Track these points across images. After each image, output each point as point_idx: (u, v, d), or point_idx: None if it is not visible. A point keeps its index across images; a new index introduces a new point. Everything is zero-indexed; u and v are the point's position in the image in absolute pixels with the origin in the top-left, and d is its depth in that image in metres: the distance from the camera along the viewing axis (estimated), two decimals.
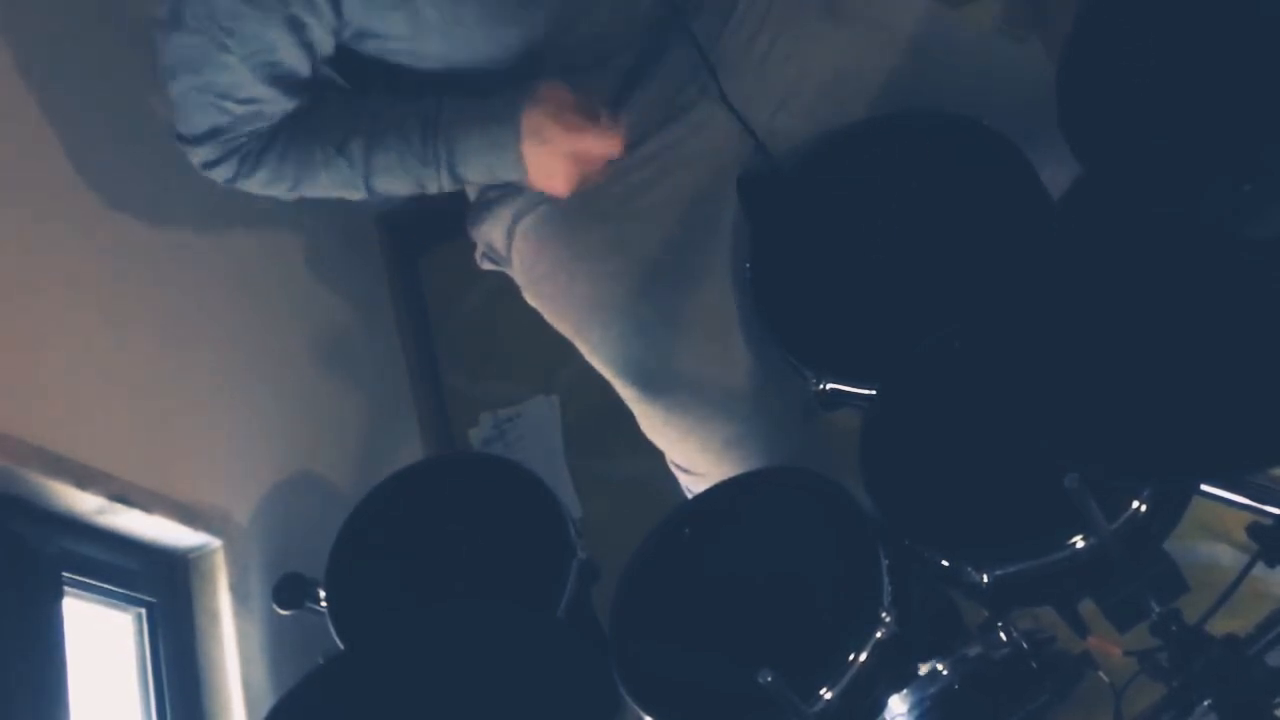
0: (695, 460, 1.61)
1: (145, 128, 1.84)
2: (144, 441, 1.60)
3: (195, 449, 1.71)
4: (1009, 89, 1.52)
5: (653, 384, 1.55)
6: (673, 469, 1.68)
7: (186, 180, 1.52)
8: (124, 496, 1.50)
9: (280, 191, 1.50)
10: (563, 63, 1.45)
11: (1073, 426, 1.16)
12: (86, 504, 1.47)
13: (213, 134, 1.41)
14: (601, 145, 1.43)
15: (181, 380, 1.73)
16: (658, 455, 1.67)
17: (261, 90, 1.37)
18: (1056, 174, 1.37)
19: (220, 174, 1.46)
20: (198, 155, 1.45)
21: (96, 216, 1.69)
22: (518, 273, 1.64)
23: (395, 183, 1.46)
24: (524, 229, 1.61)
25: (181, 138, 1.44)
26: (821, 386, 1.44)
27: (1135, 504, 1.16)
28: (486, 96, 1.44)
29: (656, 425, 1.60)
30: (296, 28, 1.32)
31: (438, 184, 1.47)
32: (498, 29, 1.39)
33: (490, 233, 1.65)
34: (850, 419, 1.39)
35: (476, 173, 1.47)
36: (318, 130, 1.45)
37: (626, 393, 1.59)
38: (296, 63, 1.37)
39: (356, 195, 1.49)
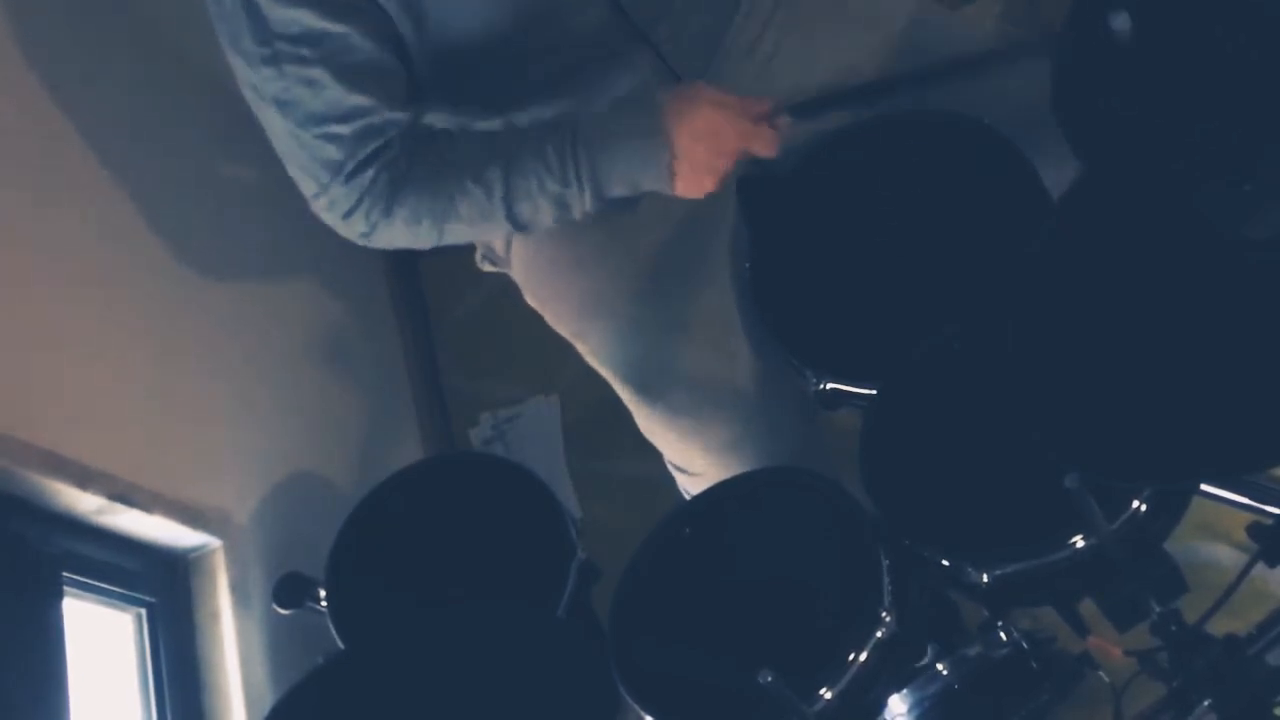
0: (695, 461, 1.61)
1: (147, 127, 1.85)
2: (144, 441, 1.60)
3: (195, 449, 1.71)
4: (1009, 88, 1.51)
5: (652, 385, 1.55)
6: (671, 469, 1.68)
7: (187, 180, 1.52)
8: (124, 496, 1.50)
9: (423, 234, 1.40)
10: (542, 66, 1.44)
11: (1073, 427, 1.16)
12: (86, 504, 1.47)
13: (336, 170, 1.33)
14: (766, 147, 1.37)
15: (181, 380, 1.73)
16: (658, 455, 1.67)
17: (359, 98, 1.31)
18: (1056, 174, 1.37)
19: (359, 223, 1.38)
20: (333, 206, 1.36)
21: (97, 217, 1.69)
22: (518, 274, 1.64)
23: (537, 207, 1.38)
24: None
25: (311, 193, 1.36)
26: (821, 386, 1.44)
27: (1135, 504, 1.16)
28: (616, 108, 1.38)
29: (656, 426, 1.60)
30: (352, 13, 1.28)
31: (581, 204, 1.38)
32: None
33: (485, 238, 1.65)
34: (850, 419, 1.39)
35: (619, 184, 1.38)
36: (450, 163, 1.37)
37: (626, 394, 1.59)
38: (374, 54, 1.31)
39: (500, 228, 1.40)
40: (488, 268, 1.70)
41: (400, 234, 1.39)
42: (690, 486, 1.65)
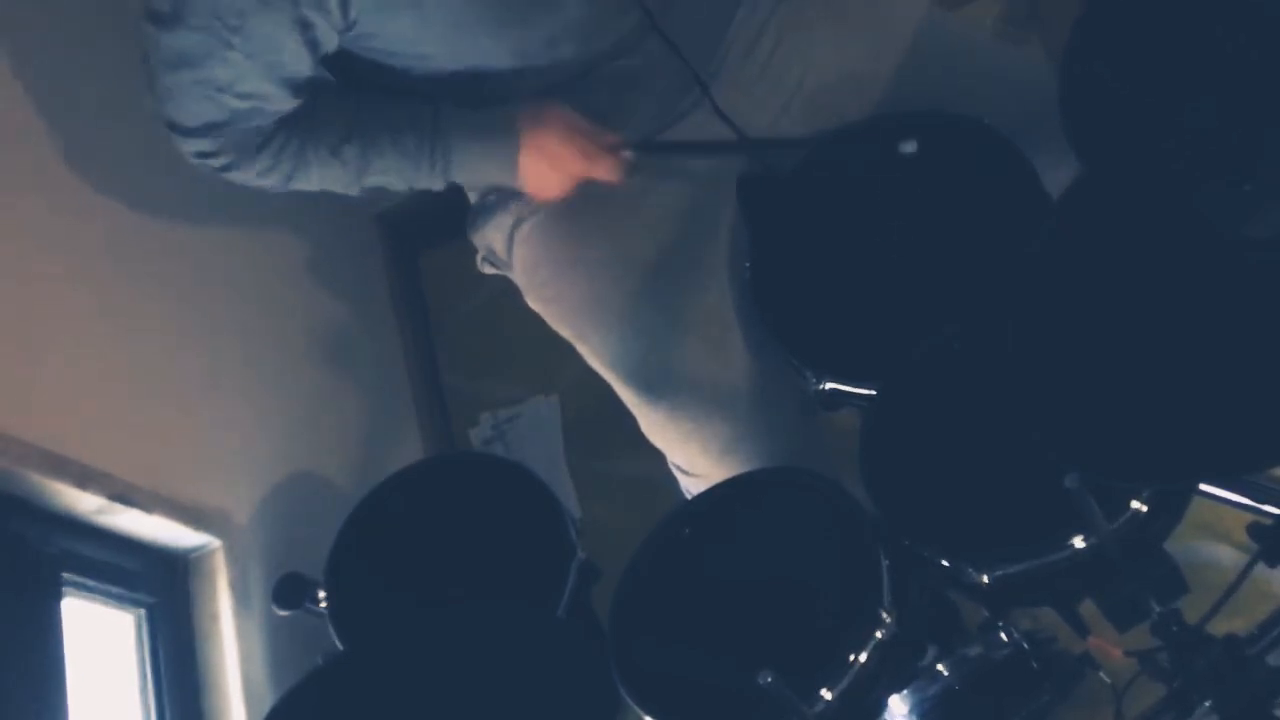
0: (696, 461, 1.61)
1: (147, 127, 1.84)
2: (144, 441, 1.60)
3: (195, 449, 1.71)
4: (1009, 89, 1.52)
5: (653, 386, 1.55)
6: (673, 470, 1.68)
7: (187, 180, 1.52)
8: (124, 496, 1.50)
9: (270, 184, 1.48)
10: (559, 70, 1.45)
11: (1073, 427, 1.16)
12: (86, 504, 1.47)
13: (209, 128, 1.39)
14: (608, 174, 1.49)
15: (182, 380, 1.74)
16: (658, 455, 1.67)
17: (263, 87, 1.36)
18: (1057, 174, 1.37)
19: (212, 164, 1.44)
20: (191, 146, 1.43)
21: (97, 216, 1.69)
22: (519, 276, 1.64)
23: (388, 182, 1.50)
24: (525, 233, 1.61)
25: (174, 127, 1.41)
26: (821, 386, 1.44)
27: (1135, 504, 1.16)
28: (480, 104, 1.46)
29: (657, 427, 1.60)
30: (304, 27, 1.31)
31: (429, 185, 1.51)
32: (503, 30, 1.39)
33: (491, 237, 1.65)
34: (850, 419, 1.39)
35: (469, 178, 1.55)
36: (315, 129, 1.44)
37: (627, 395, 1.59)
38: (300, 61, 1.36)
39: (348, 192, 1.51)
40: (488, 270, 1.70)
41: (251, 180, 1.47)
42: (693, 488, 1.65)
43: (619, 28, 1.45)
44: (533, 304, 1.64)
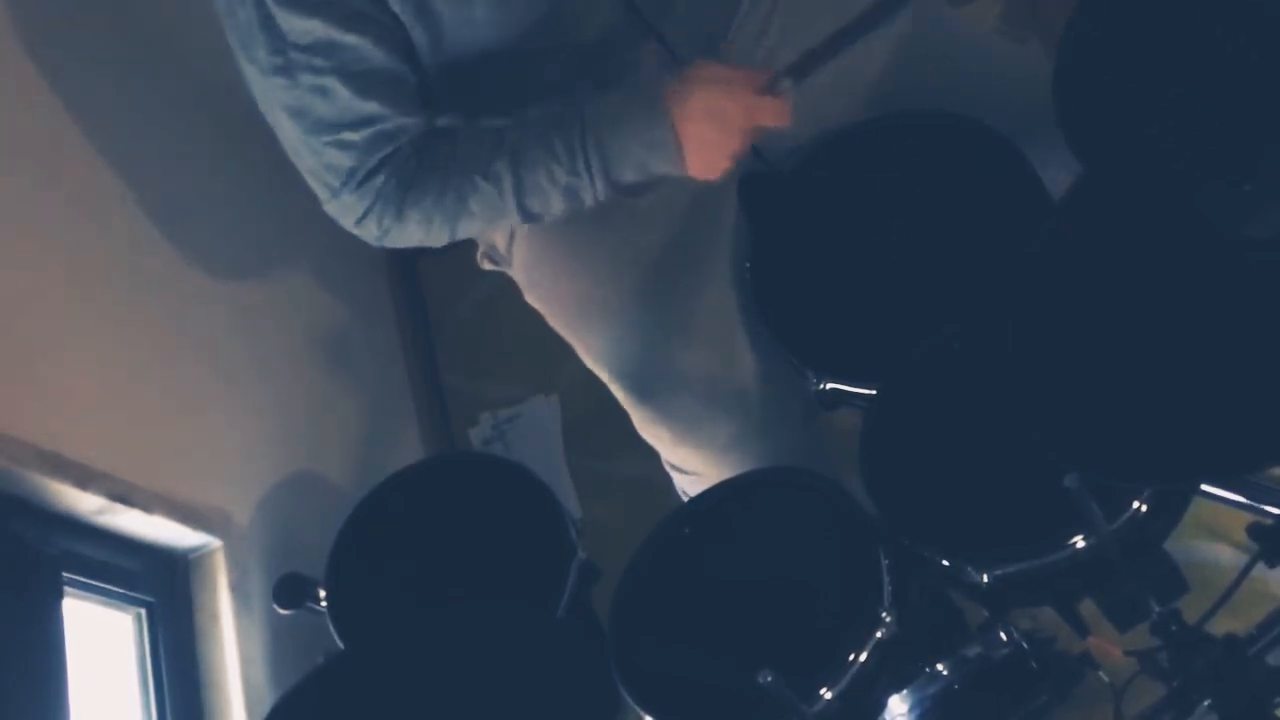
0: (692, 460, 1.60)
1: (147, 128, 1.84)
2: (144, 441, 1.60)
3: (195, 449, 1.71)
4: (1009, 89, 1.51)
5: (650, 385, 1.55)
6: (668, 469, 1.68)
7: (187, 180, 1.52)
8: (124, 496, 1.50)
9: (436, 232, 1.40)
10: (557, 66, 1.44)
11: (1073, 427, 1.16)
12: (86, 504, 1.47)
13: (348, 176, 1.34)
14: (777, 115, 1.33)
15: (182, 380, 1.74)
16: (658, 455, 1.67)
17: (371, 106, 1.30)
18: (1056, 174, 1.37)
19: (372, 228, 1.38)
20: (346, 211, 1.37)
21: (97, 217, 1.69)
22: (518, 273, 1.64)
23: (548, 198, 1.37)
24: (525, 230, 1.61)
25: (324, 199, 1.37)
26: (821, 386, 1.44)
27: (1135, 504, 1.16)
28: (620, 95, 1.36)
29: (652, 426, 1.59)
30: (365, 22, 1.28)
31: (592, 193, 1.37)
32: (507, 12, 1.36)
33: (491, 233, 1.65)
34: (850, 419, 1.39)
35: (630, 170, 1.36)
36: (457, 161, 1.37)
37: (623, 394, 1.58)
38: (387, 62, 1.31)
39: (511, 220, 1.41)
40: (488, 265, 1.70)
41: (414, 234, 1.40)
42: (687, 486, 1.65)
43: (605, 23, 1.44)
44: (531, 301, 1.64)
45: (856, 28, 1.34)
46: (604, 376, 1.59)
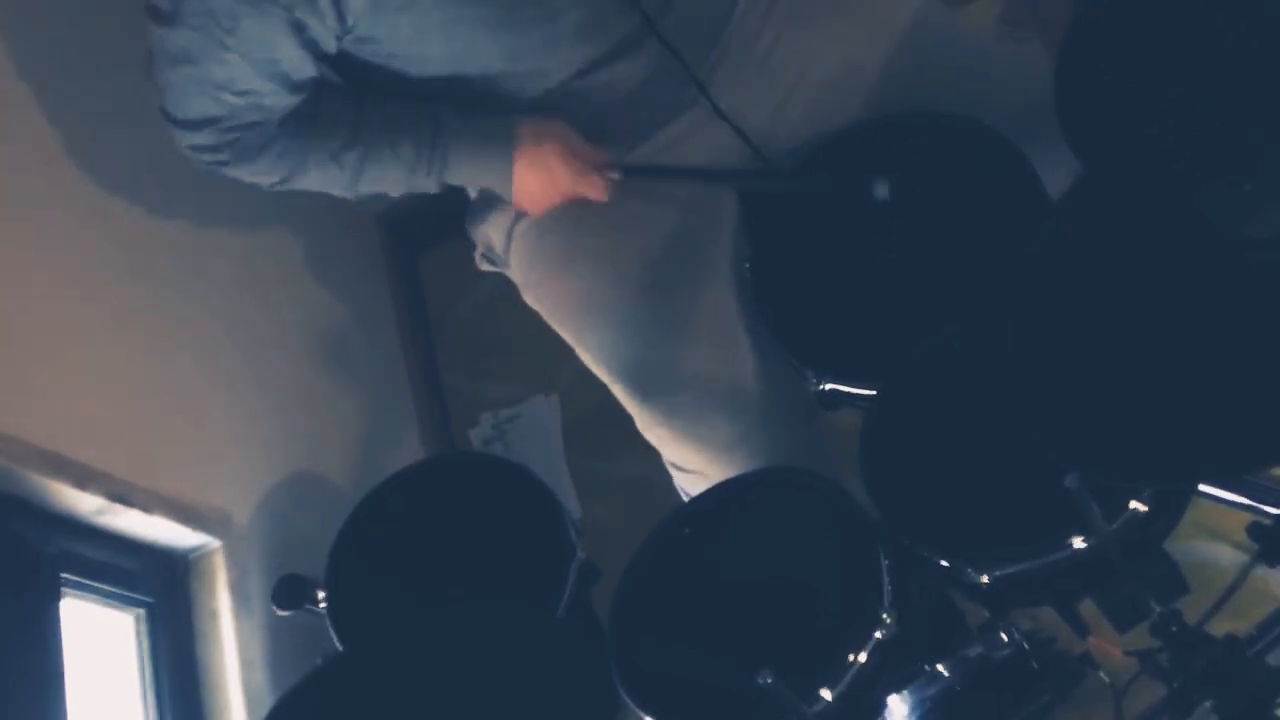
0: (692, 459, 1.60)
1: (146, 127, 1.84)
2: (144, 441, 1.60)
3: (195, 449, 1.70)
4: (1009, 89, 1.52)
5: (651, 383, 1.55)
6: (669, 467, 1.68)
7: (187, 180, 1.52)
8: (124, 496, 1.50)
9: (265, 183, 1.48)
10: (557, 72, 1.45)
11: (1073, 427, 1.16)
12: (86, 504, 1.47)
13: (209, 122, 1.39)
14: (596, 193, 1.51)
15: (182, 380, 1.73)
16: (658, 455, 1.67)
17: (261, 84, 1.36)
18: (1056, 174, 1.37)
19: (208, 159, 1.43)
20: (188, 139, 1.41)
21: (97, 216, 1.69)
22: (516, 274, 1.64)
23: (384, 188, 1.51)
24: (523, 230, 1.61)
25: (172, 119, 1.40)
26: (821, 387, 1.44)
27: (1135, 504, 1.16)
28: (482, 113, 1.48)
29: (653, 424, 1.59)
30: (298, 29, 1.32)
31: (424, 189, 1.52)
32: (500, 32, 1.39)
33: (489, 234, 1.65)
34: (850, 419, 1.39)
35: (462, 181, 1.55)
36: (317, 134, 1.45)
37: (623, 392, 1.58)
38: (298, 62, 1.36)
39: (343, 195, 1.52)
40: (486, 267, 1.70)
41: (245, 175, 1.47)
42: (687, 484, 1.65)
43: (617, 30, 1.44)
44: (530, 301, 1.64)
45: (697, 173, 1.55)
46: (606, 375, 1.59)
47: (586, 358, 1.60)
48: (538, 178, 1.50)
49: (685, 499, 1.67)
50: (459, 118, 1.48)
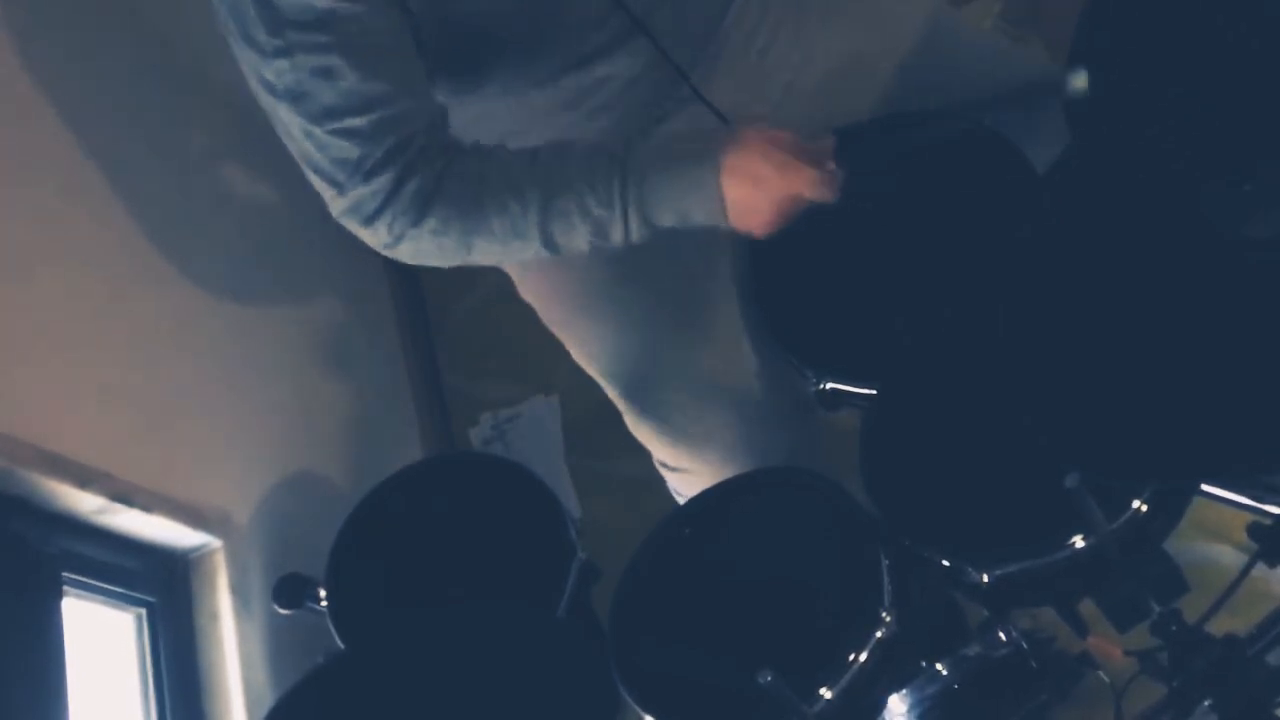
0: (689, 459, 1.60)
1: (148, 128, 1.84)
2: (144, 441, 1.60)
3: (195, 449, 1.71)
4: (1009, 89, 1.52)
5: (646, 383, 1.55)
6: (660, 468, 1.67)
7: (187, 182, 1.52)
8: (124, 496, 1.50)
9: (449, 247, 1.32)
10: (545, 66, 1.44)
11: (1073, 427, 1.16)
12: (86, 504, 1.47)
13: (354, 168, 1.26)
14: (816, 192, 1.30)
15: (181, 380, 1.74)
16: None
17: (375, 85, 1.23)
18: None
19: (382, 231, 1.30)
20: (356, 209, 1.28)
21: (97, 217, 1.69)
22: (513, 268, 1.64)
23: (573, 229, 1.31)
24: None
25: (336, 198, 1.28)
26: (821, 386, 1.44)
27: (1135, 504, 1.16)
28: (671, 138, 1.36)
29: (645, 424, 1.59)
30: None
31: (622, 230, 1.31)
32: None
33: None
34: (850, 419, 1.39)
35: (667, 214, 1.32)
36: (486, 176, 1.31)
37: (612, 390, 1.58)
38: (390, 35, 1.24)
39: (531, 248, 1.33)
40: None
41: (426, 246, 1.32)
42: (679, 484, 1.65)
43: (612, 23, 1.43)
44: (525, 295, 1.64)
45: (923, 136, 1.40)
46: (598, 374, 1.58)
47: (578, 354, 1.59)
48: (747, 185, 1.29)
49: (677, 498, 1.67)
50: (643, 142, 1.33)
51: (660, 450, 1.63)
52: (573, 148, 1.32)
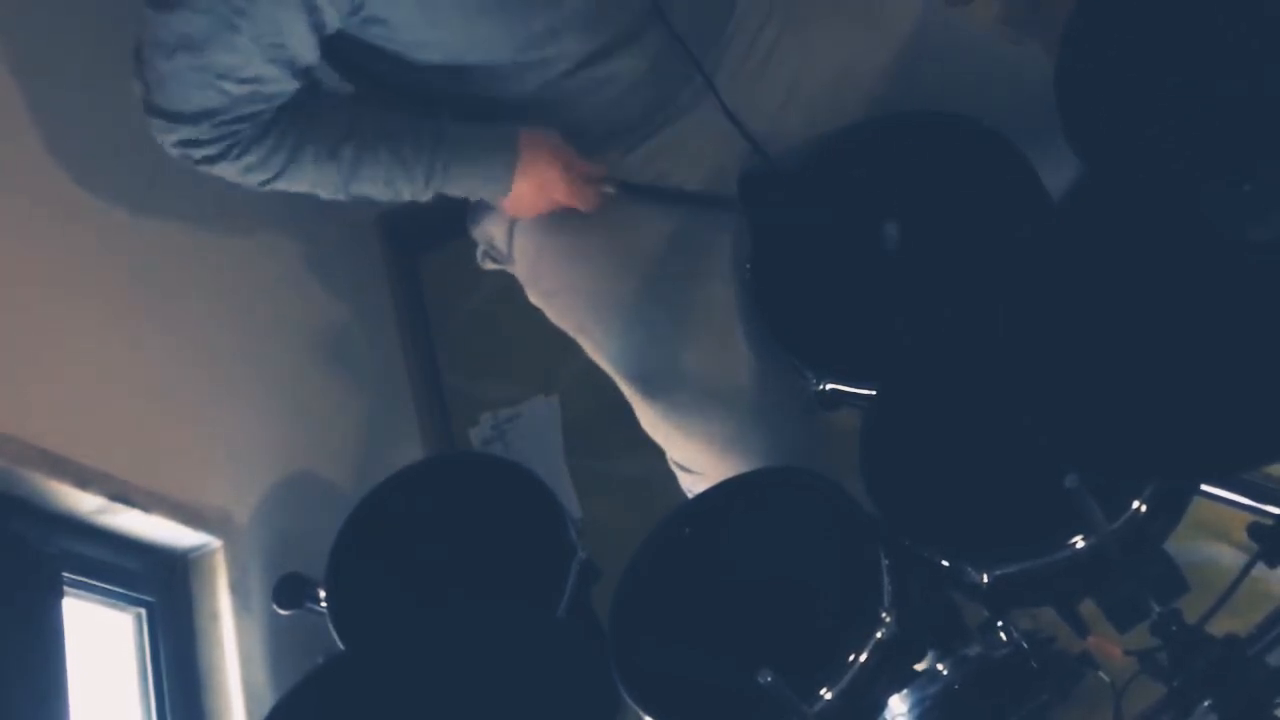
0: (696, 459, 1.61)
1: (148, 131, 1.84)
2: (144, 441, 1.60)
3: (195, 449, 1.71)
4: (1009, 89, 1.52)
5: (654, 381, 1.55)
6: (674, 468, 1.68)
7: (188, 181, 1.51)
8: (124, 496, 1.50)
9: (253, 180, 1.45)
10: (559, 62, 1.45)
11: (1073, 427, 1.16)
12: (86, 504, 1.47)
13: (206, 115, 1.36)
14: (586, 205, 1.54)
15: (182, 380, 1.74)
16: (658, 455, 1.67)
17: (264, 70, 1.33)
18: (1057, 174, 1.37)
19: (198, 154, 1.40)
20: (177, 134, 1.38)
21: (97, 217, 1.69)
22: (520, 271, 1.64)
23: (375, 191, 1.49)
24: (525, 227, 1.61)
25: (162, 113, 1.36)
26: (822, 387, 1.44)
27: (1135, 504, 1.16)
28: (481, 123, 1.49)
29: (659, 423, 1.60)
30: (310, 10, 1.29)
31: (415, 196, 1.51)
32: (505, 16, 1.37)
33: (491, 231, 1.65)
34: (850, 419, 1.39)
35: (458, 191, 1.54)
36: (315, 127, 1.43)
37: (629, 390, 1.59)
38: (304, 46, 1.34)
39: (333, 197, 1.50)
40: (489, 265, 1.70)
41: (233, 172, 1.44)
42: (693, 485, 1.65)
43: (619, 20, 1.44)
44: (534, 299, 1.64)
45: (692, 196, 1.56)
46: (612, 372, 1.59)
47: (594, 354, 1.60)
48: (531, 186, 1.51)
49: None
50: (460, 127, 1.48)
51: (673, 449, 1.64)
52: (391, 118, 1.48)
